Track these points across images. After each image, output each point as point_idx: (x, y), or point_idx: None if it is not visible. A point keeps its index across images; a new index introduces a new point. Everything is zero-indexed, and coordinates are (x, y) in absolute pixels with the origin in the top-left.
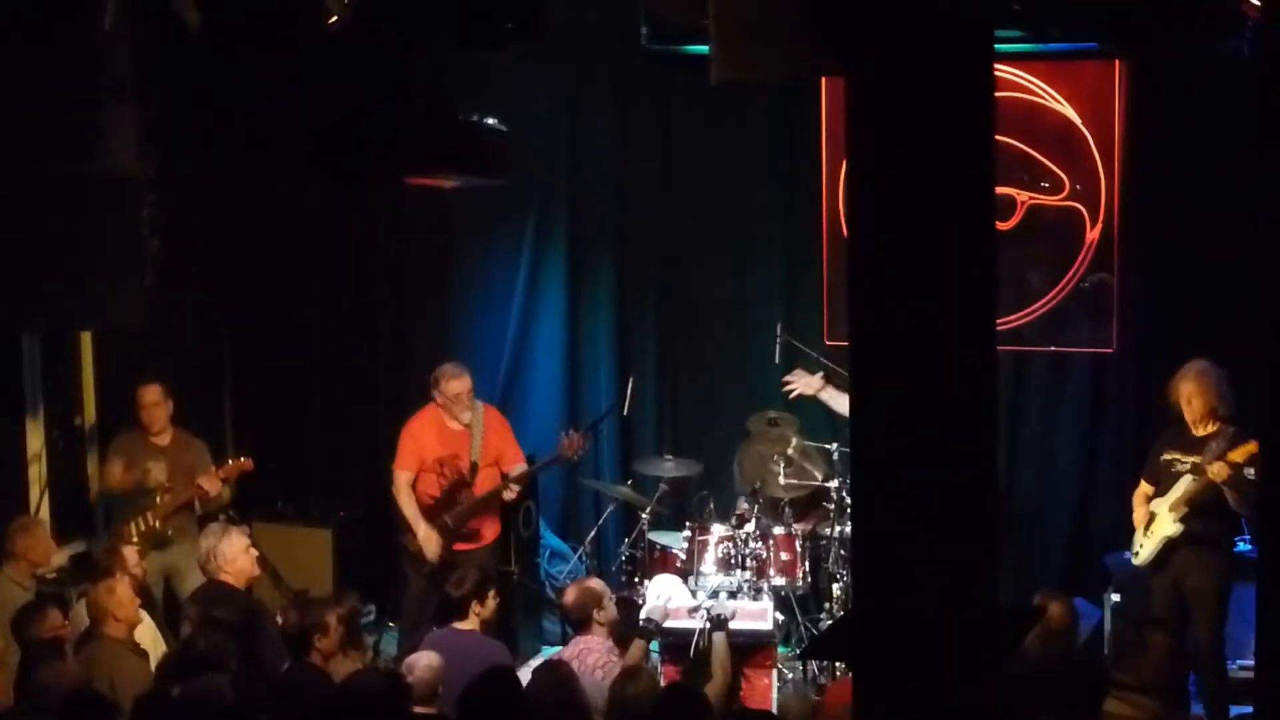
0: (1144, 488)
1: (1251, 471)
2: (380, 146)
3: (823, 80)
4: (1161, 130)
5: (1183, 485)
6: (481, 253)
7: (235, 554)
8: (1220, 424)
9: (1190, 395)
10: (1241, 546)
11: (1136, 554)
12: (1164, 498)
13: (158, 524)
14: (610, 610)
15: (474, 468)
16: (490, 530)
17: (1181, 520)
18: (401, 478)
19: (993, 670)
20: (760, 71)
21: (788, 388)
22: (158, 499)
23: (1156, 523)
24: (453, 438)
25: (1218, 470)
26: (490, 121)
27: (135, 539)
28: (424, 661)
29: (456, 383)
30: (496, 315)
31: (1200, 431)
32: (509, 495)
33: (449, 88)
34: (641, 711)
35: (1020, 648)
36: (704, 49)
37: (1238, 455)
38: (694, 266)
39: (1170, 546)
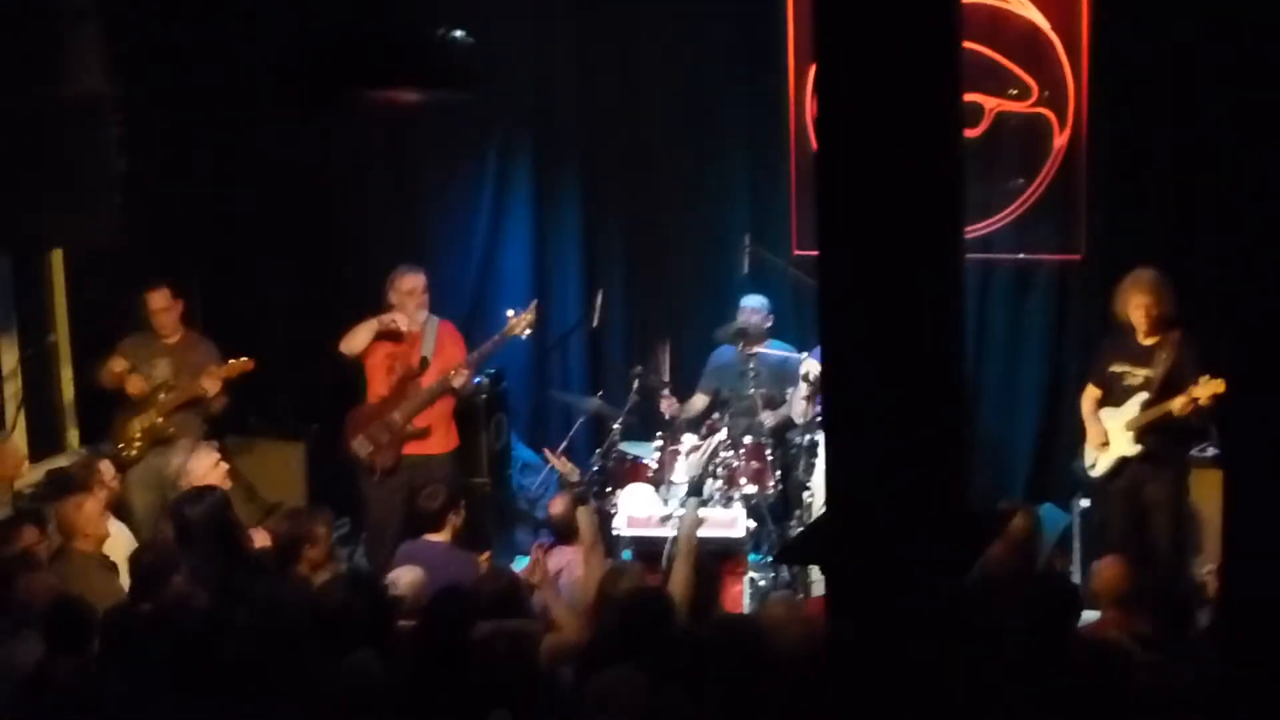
0: (1092, 392)
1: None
2: (344, 62)
3: None
4: (1129, 33)
5: (1136, 405)
6: (447, 169)
7: (204, 470)
8: (1165, 331)
9: (1146, 305)
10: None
11: (1092, 467)
12: (1117, 412)
13: (160, 420)
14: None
15: (424, 362)
16: (443, 435)
17: (1138, 440)
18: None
19: (960, 573)
20: None
21: None
22: (160, 396)
23: (1113, 440)
24: (406, 336)
25: (1181, 406)
26: (457, 34)
27: (138, 436)
28: (408, 577)
29: (410, 278)
30: (463, 232)
31: (1146, 340)
32: (459, 382)
33: (411, 2)
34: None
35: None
36: None
37: (1202, 393)
38: (661, 178)
39: (1126, 460)
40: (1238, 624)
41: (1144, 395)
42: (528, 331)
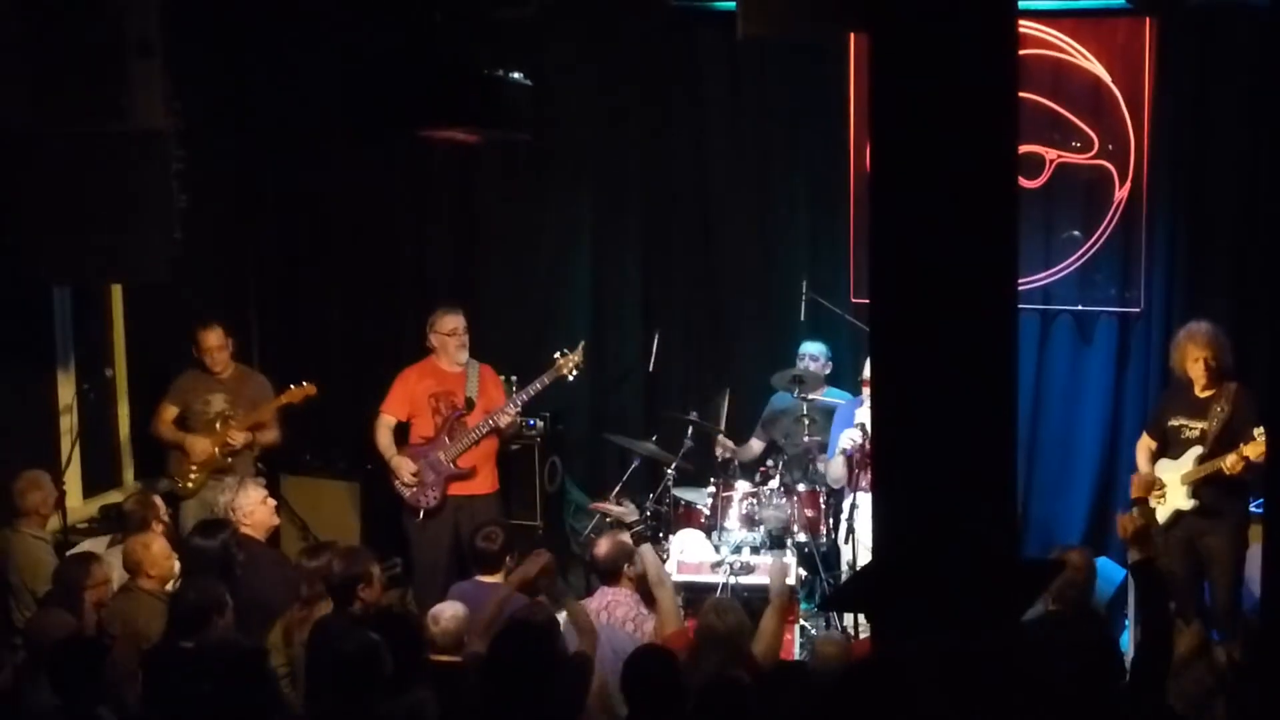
0: (1147, 442)
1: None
2: (403, 101)
3: (850, 36)
4: (1192, 88)
5: (1191, 460)
6: (507, 209)
7: (252, 505)
8: (1221, 383)
9: (1205, 358)
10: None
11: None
12: (1173, 465)
13: (217, 450)
14: (639, 565)
15: (469, 402)
16: (488, 475)
17: (1194, 494)
18: (383, 419)
19: (1009, 621)
20: (786, 28)
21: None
22: (218, 426)
23: (1169, 493)
24: (448, 378)
25: (1232, 464)
26: (515, 76)
27: (194, 469)
28: (449, 612)
29: (450, 318)
30: (522, 272)
31: (1203, 392)
32: (504, 421)
33: (473, 42)
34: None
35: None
36: (731, 4)
37: (1251, 452)
38: (720, 223)
39: (1181, 513)
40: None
41: (1199, 449)
42: (575, 373)
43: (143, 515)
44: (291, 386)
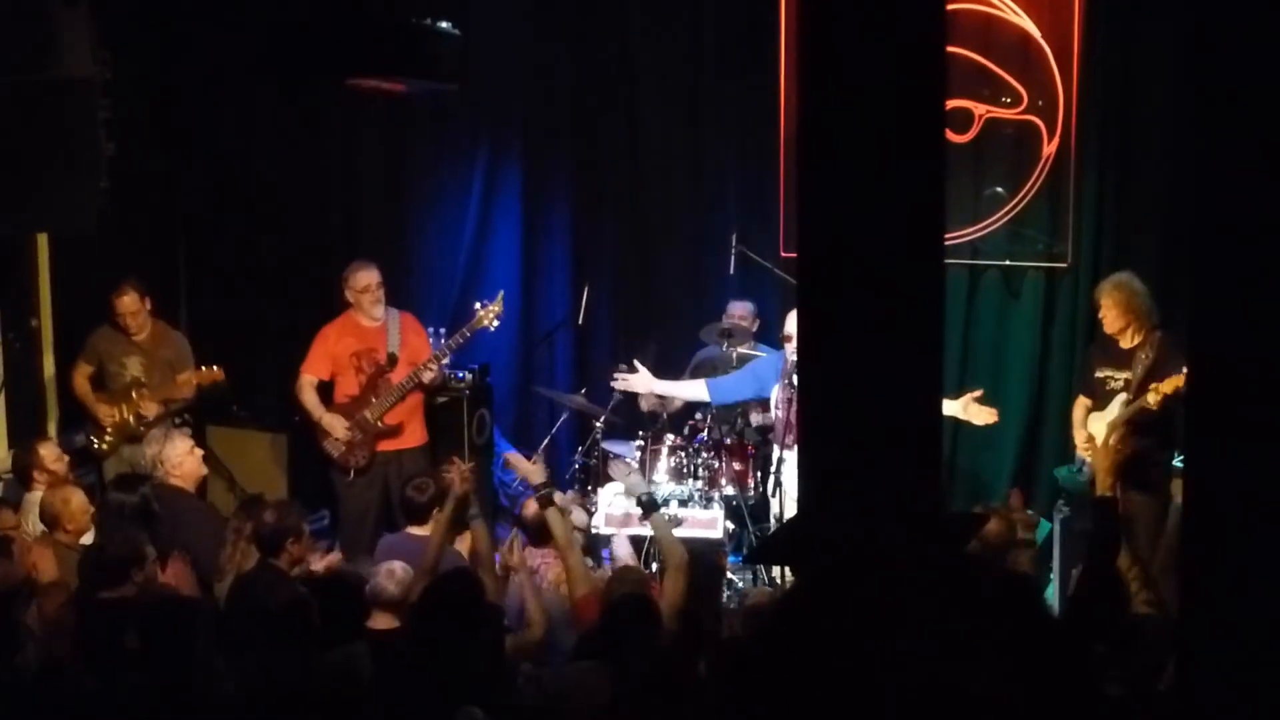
0: (1082, 402)
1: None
2: (329, 50)
3: None
4: (1121, 44)
5: (1117, 407)
6: (437, 161)
7: (180, 456)
8: (1145, 334)
9: (1106, 308)
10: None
11: (1080, 471)
12: (1101, 416)
13: (131, 419)
14: (571, 521)
15: (391, 358)
16: (415, 429)
17: (1121, 441)
18: (305, 380)
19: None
20: None
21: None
22: (133, 394)
23: (1097, 444)
24: (368, 334)
25: (1153, 401)
26: (443, 25)
27: (109, 431)
28: (400, 571)
29: (364, 274)
30: (452, 224)
31: (1127, 343)
32: (428, 376)
33: None
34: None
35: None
36: None
37: (1167, 387)
38: (651, 176)
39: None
40: (1195, 636)
41: (1124, 396)
42: (495, 323)
43: (25, 462)
44: (202, 368)
